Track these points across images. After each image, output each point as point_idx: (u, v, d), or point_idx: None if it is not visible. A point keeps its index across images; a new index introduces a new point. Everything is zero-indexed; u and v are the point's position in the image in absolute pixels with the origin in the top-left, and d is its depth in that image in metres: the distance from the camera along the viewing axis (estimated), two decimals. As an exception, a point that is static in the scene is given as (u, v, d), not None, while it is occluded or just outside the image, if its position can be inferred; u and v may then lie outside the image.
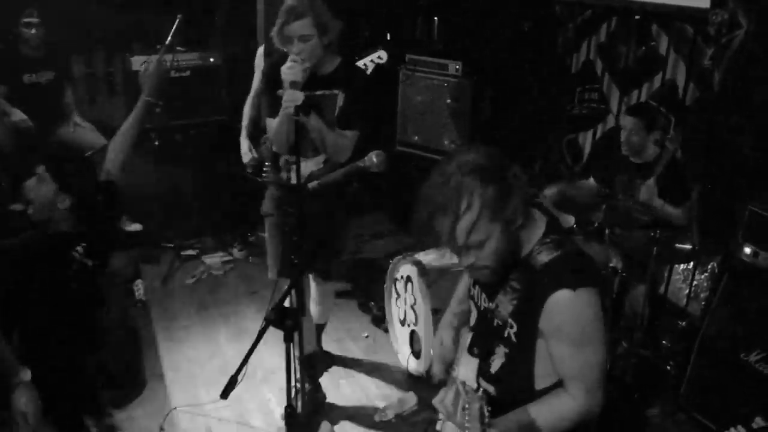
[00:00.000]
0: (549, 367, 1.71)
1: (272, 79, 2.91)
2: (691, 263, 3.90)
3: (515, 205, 1.60)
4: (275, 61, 2.99)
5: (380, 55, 3.90)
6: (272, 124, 2.95)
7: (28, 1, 4.61)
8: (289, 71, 2.75)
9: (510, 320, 1.72)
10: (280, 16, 2.84)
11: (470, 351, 1.85)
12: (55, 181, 2.67)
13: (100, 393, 3.47)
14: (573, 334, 1.63)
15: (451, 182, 1.59)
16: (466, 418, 1.61)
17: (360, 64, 4.17)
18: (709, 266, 3.92)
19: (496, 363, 1.78)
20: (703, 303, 3.66)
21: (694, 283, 3.97)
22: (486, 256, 1.64)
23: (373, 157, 2.21)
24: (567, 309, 1.61)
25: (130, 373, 3.71)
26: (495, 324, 1.77)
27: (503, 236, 1.62)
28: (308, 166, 3.02)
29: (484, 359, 1.81)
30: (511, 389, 1.78)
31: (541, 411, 1.70)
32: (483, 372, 1.82)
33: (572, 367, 1.67)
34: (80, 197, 2.69)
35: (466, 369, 1.87)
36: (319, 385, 3.54)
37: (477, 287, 1.90)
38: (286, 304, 2.01)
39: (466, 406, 1.61)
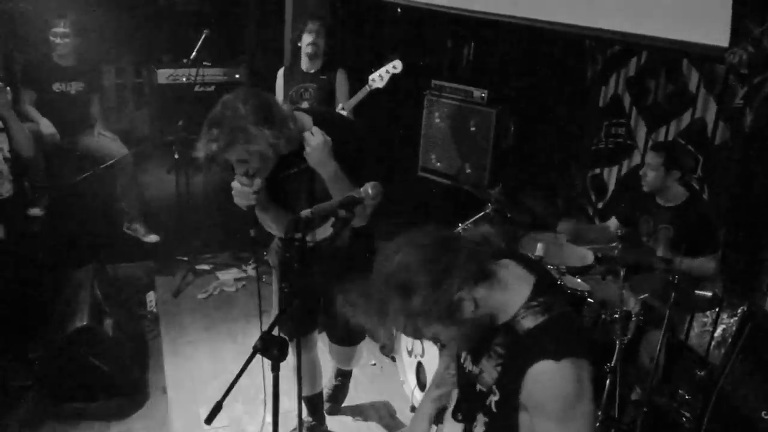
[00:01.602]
0: None
1: None
2: (717, 308, 3.75)
3: (453, 303, 1.50)
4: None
5: (395, 65, 3.83)
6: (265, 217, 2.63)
7: (60, 12, 4.68)
8: (238, 196, 2.42)
9: (494, 387, 1.61)
10: (203, 141, 2.30)
11: (454, 416, 1.75)
12: None
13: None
14: (556, 409, 1.50)
15: (375, 301, 1.52)
16: None
17: (375, 75, 4.10)
18: (740, 310, 3.75)
19: (478, 430, 1.69)
20: (722, 351, 3.51)
21: (722, 326, 3.80)
22: (445, 340, 1.58)
23: (368, 189, 2.13)
24: (549, 381, 1.48)
25: (134, 385, 3.68)
26: (478, 390, 1.67)
27: (449, 329, 1.53)
28: (318, 233, 2.71)
29: (468, 425, 1.71)
30: None
31: None
32: None
33: None
34: None
35: None
36: (323, 417, 3.45)
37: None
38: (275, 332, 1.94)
39: None
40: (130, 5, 5.41)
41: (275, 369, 1.94)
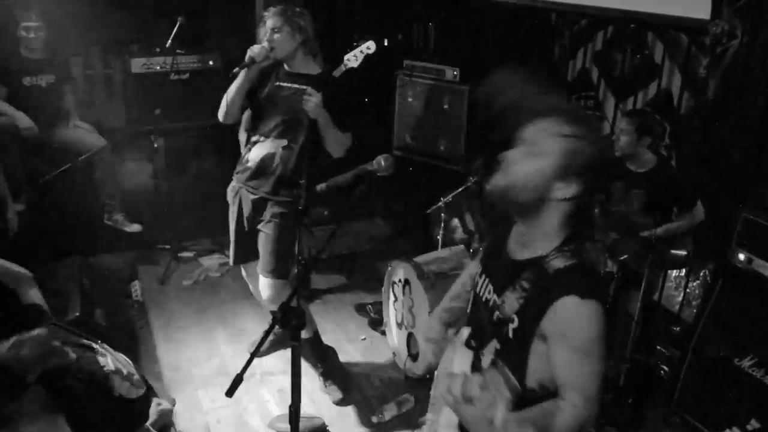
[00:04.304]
0: (539, 369, 1.72)
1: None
2: (684, 270, 3.96)
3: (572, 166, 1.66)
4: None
5: (369, 46, 3.90)
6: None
7: (29, 5, 4.62)
8: (253, 49, 3.20)
9: (513, 316, 1.73)
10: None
11: (467, 344, 1.87)
12: None
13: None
14: (577, 341, 1.64)
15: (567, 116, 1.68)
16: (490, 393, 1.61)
17: (350, 55, 4.20)
18: (701, 273, 3.98)
19: (486, 358, 1.81)
20: (695, 310, 3.71)
21: (688, 290, 4.02)
22: (519, 169, 1.70)
23: (381, 161, 2.27)
24: (574, 315, 1.63)
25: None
26: (495, 318, 1.78)
27: (543, 173, 1.67)
28: (266, 146, 3.33)
29: (478, 351, 1.84)
30: None
31: (538, 415, 1.69)
32: (475, 366, 1.85)
33: (574, 375, 1.67)
34: None
35: (462, 361, 1.88)
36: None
37: (484, 277, 1.91)
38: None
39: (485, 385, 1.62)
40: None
41: (295, 339, 2.04)
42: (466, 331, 1.94)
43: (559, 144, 1.66)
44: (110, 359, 2.85)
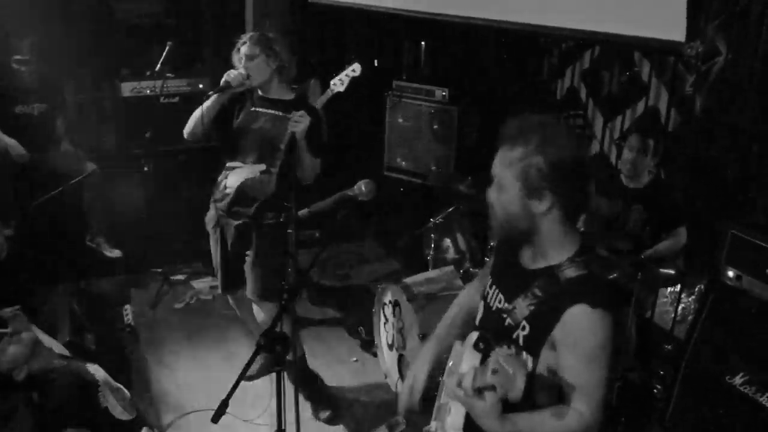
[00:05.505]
0: (547, 377, 1.74)
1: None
2: (678, 286, 3.95)
3: (548, 200, 1.70)
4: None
5: (354, 69, 3.93)
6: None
7: (21, 36, 4.63)
8: (230, 74, 3.28)
9: (524, 323, 1.76)
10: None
11: (476, 346, 1.87)
12: None
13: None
14: (586, 348, 1.67)
15: (537, 141, 1.71)
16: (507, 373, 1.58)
17: (336, 80, 4.21)
18: (696, 288, 3.97)
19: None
20: (688, 327, 3.69)
21: (682, 305, 4.01)
22: (499, 204, 1.77)
23: (362, 186, 2.29)
24: (584, 323, 1.66)
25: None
26: (506, 324, 1.81)
27: (516, 201, 1.72)
28: (244, 172, 3.32)
29: (486, 355, 1.84)
30: None
31: (546, 419, 1.73)
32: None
33: (581, 382, 1.70)
34: None
35: (470, 363, 1.88)
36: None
37: (494, 288, 1.94)
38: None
39: (498, 367, 1.59)
40: (87, 20, 5.39)
41: (280, 364, 2.03)
42: (474, 335, 1.94)
43: (512, 171, 1.71)
44: (101, 372, 2.86)
